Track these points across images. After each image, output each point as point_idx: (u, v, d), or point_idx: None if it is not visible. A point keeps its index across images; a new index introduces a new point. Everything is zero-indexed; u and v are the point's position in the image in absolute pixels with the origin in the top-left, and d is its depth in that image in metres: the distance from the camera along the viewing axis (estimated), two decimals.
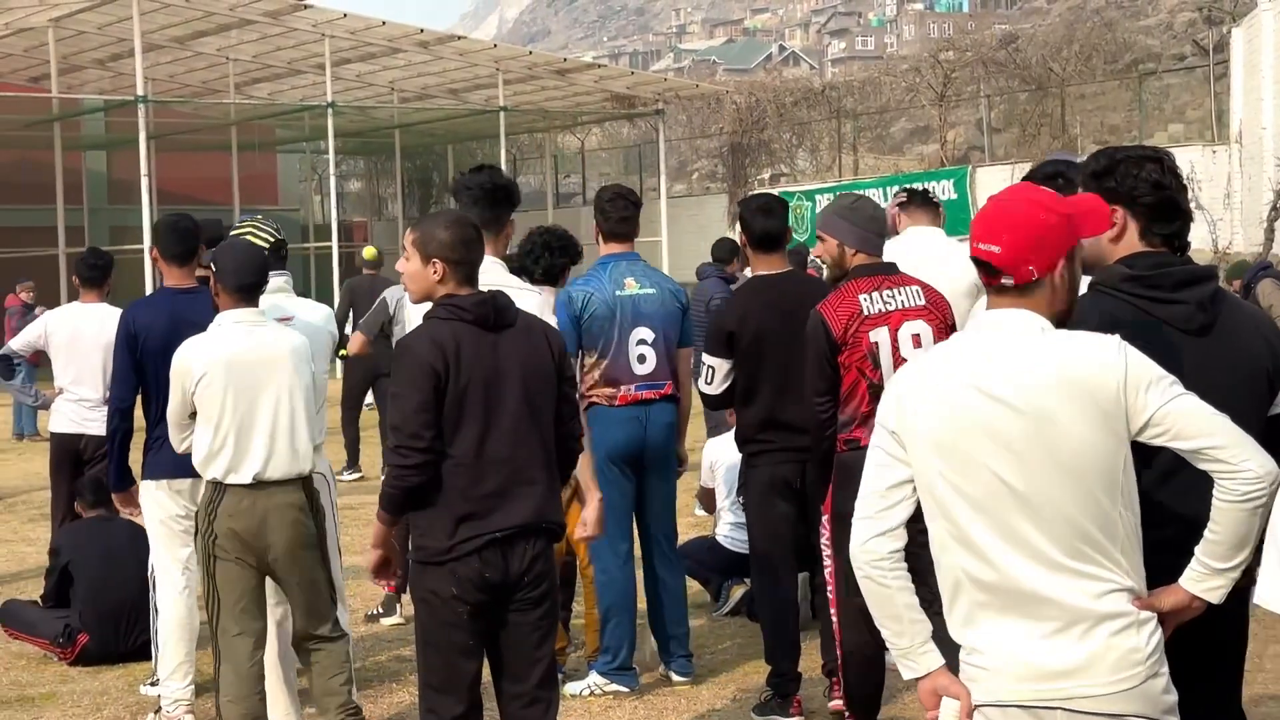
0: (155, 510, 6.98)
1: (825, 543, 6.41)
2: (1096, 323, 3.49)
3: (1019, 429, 3.22)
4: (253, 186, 38.95)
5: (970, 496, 3.25)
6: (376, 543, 5.01)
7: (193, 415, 6.08)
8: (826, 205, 6.71)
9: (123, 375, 6.94)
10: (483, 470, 4.72)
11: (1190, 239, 3.94)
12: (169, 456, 6.79)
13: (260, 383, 6.03)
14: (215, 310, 6.17)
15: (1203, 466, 3.26)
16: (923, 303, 6.18)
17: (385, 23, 30.12)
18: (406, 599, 8.28)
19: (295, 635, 6.22)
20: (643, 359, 7.29)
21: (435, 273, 4.84)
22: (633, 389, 7.28)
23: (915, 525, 3.38)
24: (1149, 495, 3.38)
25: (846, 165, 35.79)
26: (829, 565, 6.40)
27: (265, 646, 6.16)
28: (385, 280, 13.62)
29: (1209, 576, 3.34)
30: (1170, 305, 3.73)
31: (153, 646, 7.25)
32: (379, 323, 9.89)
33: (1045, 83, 33.94)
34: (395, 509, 4.82)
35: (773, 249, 6.99)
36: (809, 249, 14.79)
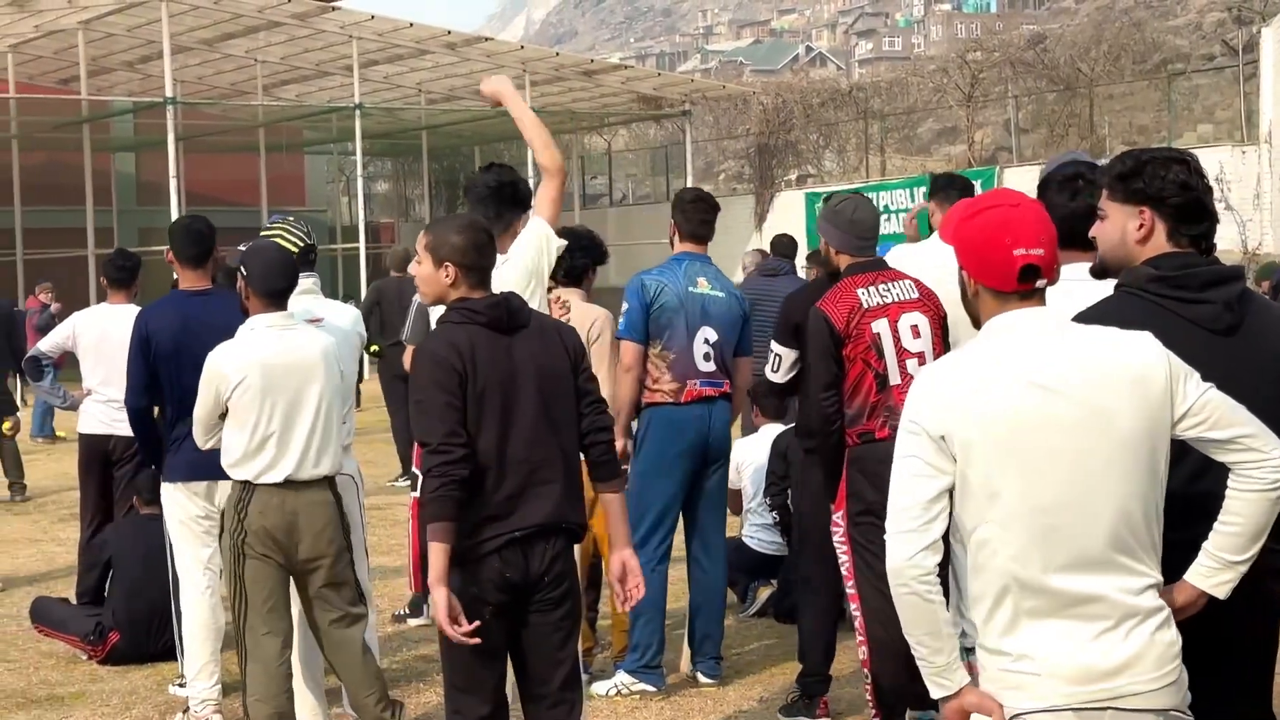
0: (175, 511, 7.01)
1: (840, 539, 6.41)
2: (1119, 324, 3.48)
3: (1078, 422, 3.24)
4: (280, 188, 39.09)
5: (1026, 494, 3.24)
6: (437, 579, 4.54)
7: (221, 417, 6.10)
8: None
9: (136, 380, 6.95)
10: (502, 472, 4.71)
11: (1218, 240, 3.95)
12: (185, 458, 6.82)
13: (296, 386, 6.07)
14: (241, 313, 6.19)
15: (1232, 457, 3.33)
16: (917, 295, 6.33)
17: (413, 24, 30.18)
18: None
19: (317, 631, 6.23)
20: (707, 357, 7.41)
21: (447, 276, 4.85)
22: (698, 384, 7.39)
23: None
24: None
25: (874, 166, 35.72)
26: (845, 560, 6.41)
27: (293, 645, 6.19)
28: (414, 283, 13.37)
29: (1220, 570, 3.40)
30: (1197, 305, 3.73)
31: (177, 647, 7.27)
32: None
33: (1073, 83, 33.79)
34: (453, 509, 4.57)
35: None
36: None
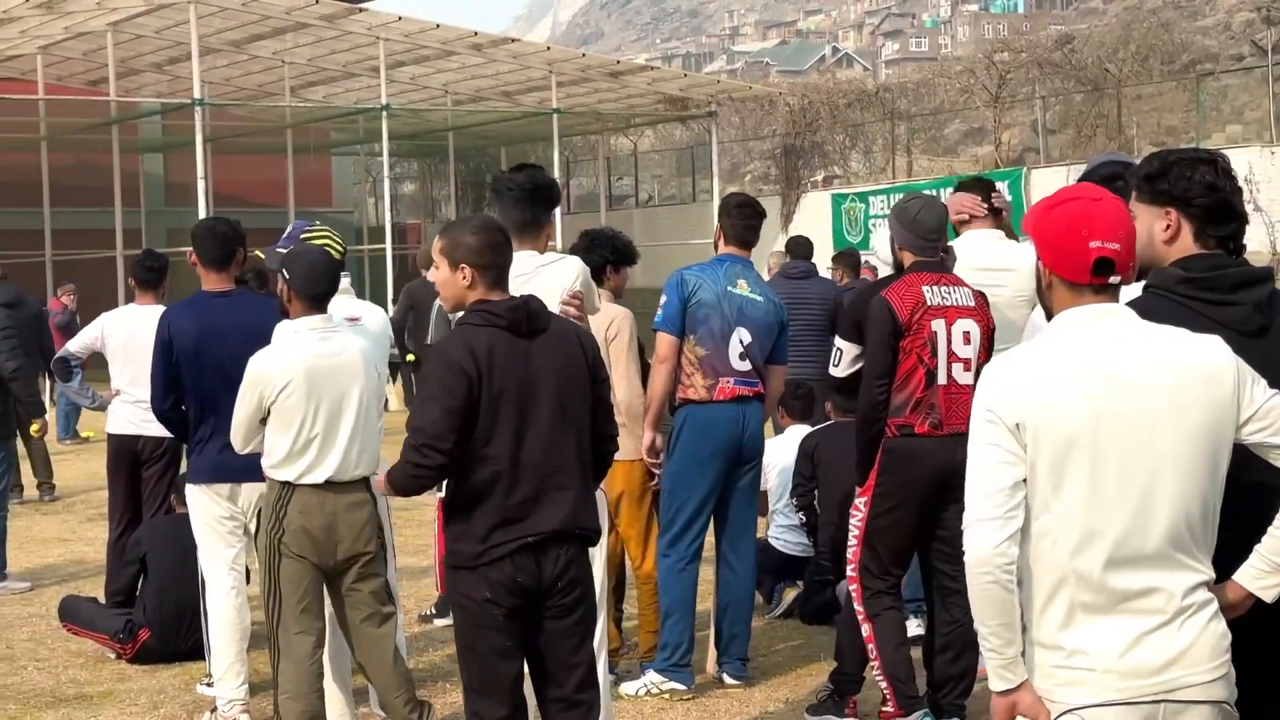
0: (200, 512, 7.02)
1: (857, 524, 6.55)
2: None
3: (1146, 418, 3.26)
4: (307, 189, 39.15)
5: (1091, 487, 3.26)
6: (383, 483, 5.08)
7: (262, 421, 6.12)
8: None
9: (160, 383, 6.96)
10: (517, 476, 4.73)
11: (1247, 241, 3.94)
12: (209, 460, 6.84)
13: (339, 388, 6.10)
14: (267, 315, 6.21)
15: None
16: (972, 304, 6.50)
17: (439, 26, 30.17)
18: None
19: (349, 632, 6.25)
20: (742, 357, 7.42)
21: (464, 278, 4.84)
22: (731, 382, 7.40)
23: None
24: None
25: (900, 167, 35.62)
26: (854, 545, 6.58)
27: (324, 645, 6.20)
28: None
29: (1270, 574, 3.43)
30: (1226, 307, 3.72)
31: (205, 647, 7.29)
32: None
33: (1101, 84, 33.62)
34: (401, 494, 4.98)
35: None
36: (860, 252, 14.81)
